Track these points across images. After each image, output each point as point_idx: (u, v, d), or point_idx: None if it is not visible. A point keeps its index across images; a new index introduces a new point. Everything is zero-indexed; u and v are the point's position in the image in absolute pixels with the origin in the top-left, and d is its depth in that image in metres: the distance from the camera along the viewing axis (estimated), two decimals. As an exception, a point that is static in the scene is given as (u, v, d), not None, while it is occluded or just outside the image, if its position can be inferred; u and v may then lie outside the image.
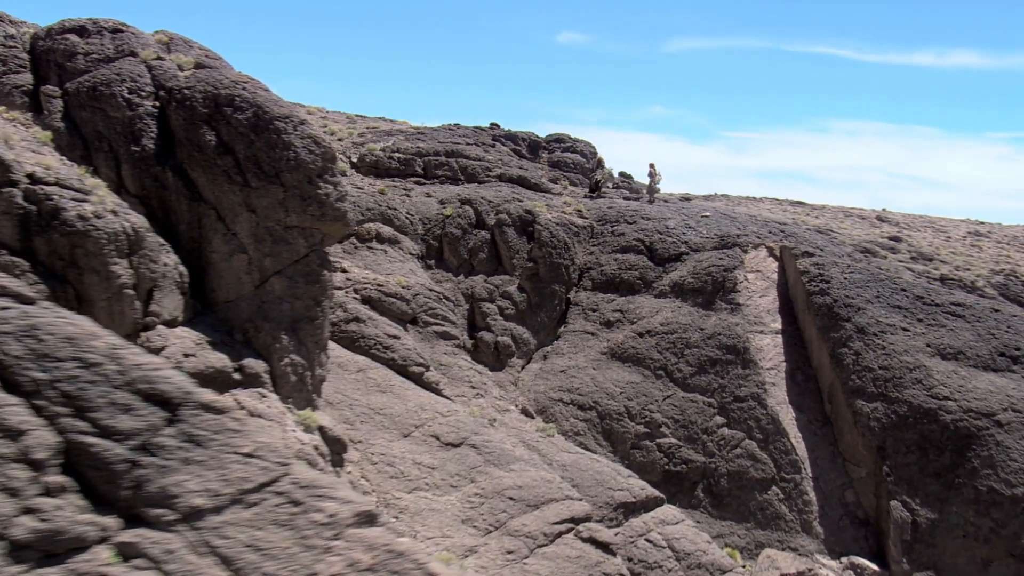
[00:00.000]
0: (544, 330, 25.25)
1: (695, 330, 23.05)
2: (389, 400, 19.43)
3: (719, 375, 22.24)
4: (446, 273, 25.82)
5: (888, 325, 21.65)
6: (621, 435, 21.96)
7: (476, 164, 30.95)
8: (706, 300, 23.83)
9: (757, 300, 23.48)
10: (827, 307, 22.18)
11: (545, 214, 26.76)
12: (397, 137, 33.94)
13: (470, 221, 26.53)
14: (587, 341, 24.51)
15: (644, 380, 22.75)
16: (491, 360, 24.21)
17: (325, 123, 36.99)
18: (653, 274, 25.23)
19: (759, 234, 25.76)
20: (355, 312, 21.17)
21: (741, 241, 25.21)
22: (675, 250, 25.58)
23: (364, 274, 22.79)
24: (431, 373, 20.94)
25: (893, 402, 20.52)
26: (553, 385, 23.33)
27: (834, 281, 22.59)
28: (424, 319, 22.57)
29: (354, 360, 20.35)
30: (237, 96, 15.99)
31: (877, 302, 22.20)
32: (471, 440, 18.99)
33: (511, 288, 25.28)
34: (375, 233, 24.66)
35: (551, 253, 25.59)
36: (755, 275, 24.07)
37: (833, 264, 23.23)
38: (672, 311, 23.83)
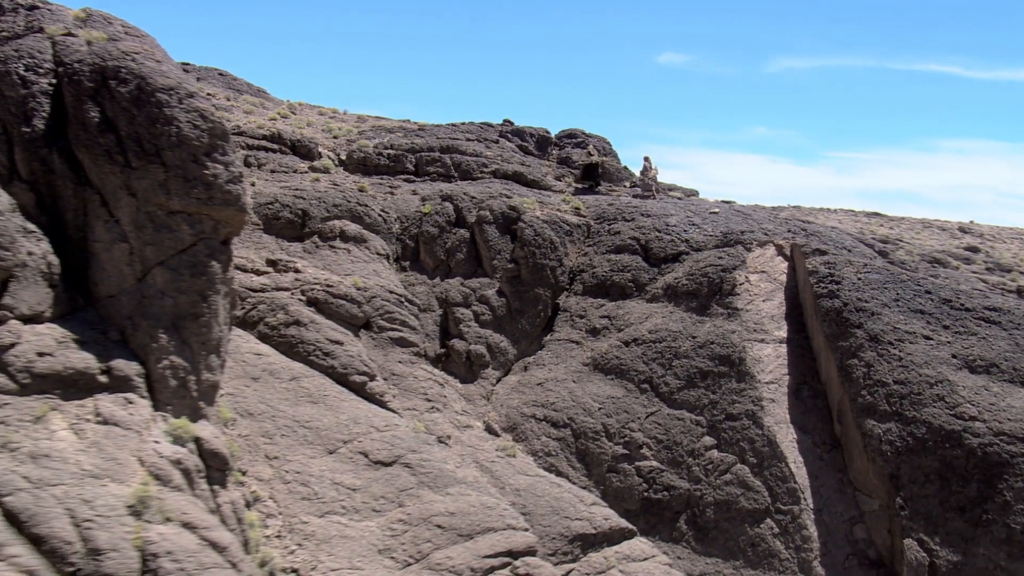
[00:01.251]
0: (526, 338, 23.36)
1: (686, 338, 20.82)
2: (319, 412, 17.86)
3: (710, 389, 19.95)
4: (420, 275, 24.22)
5: (907, 332, 19.03)
6: (597, 456, 19.86)
7: (472, 160, 29.36)
8: (700, 304, 21.57)
9: (759, 304, 21.10)
10: (835, 312, 19.69)
11: (533, 211, 24.91)
12: (396, 134, 32.63)
13: (449, 219, 24.89)
14: (571, 351, 22.52)
15: (627, 395, 20.62)
16: (462, 371, 22.45)
17: (330, 123, 36.02)
18: (647, 276, 23.09)
19: (769, 231, 23.35)
20: (296, 315, 19.71)
21: (745, 239, 22.86)
22: (673, 249, 23.38)
23: (318, 274, 21.35)
24: (376, 383, 19.30)
25: (910, 422, 17.93)
26: (527, 399, 21.40)
27: (845, 282, 20.07)
28: (379, 324, 20.97)
29: (289, 367, 18.87)
30: (123, 68, 14.74)
31: (895, 306, 19.59)
32: (406, 459, 17.24)
33: (489, 292, 23.49)
34: (338, 231, 23.23)
35: (534, 253, 23.71)
36: (759, 276, 21.69)
37: (846, 263, 20.70)
38: (663, 317, 21.65)
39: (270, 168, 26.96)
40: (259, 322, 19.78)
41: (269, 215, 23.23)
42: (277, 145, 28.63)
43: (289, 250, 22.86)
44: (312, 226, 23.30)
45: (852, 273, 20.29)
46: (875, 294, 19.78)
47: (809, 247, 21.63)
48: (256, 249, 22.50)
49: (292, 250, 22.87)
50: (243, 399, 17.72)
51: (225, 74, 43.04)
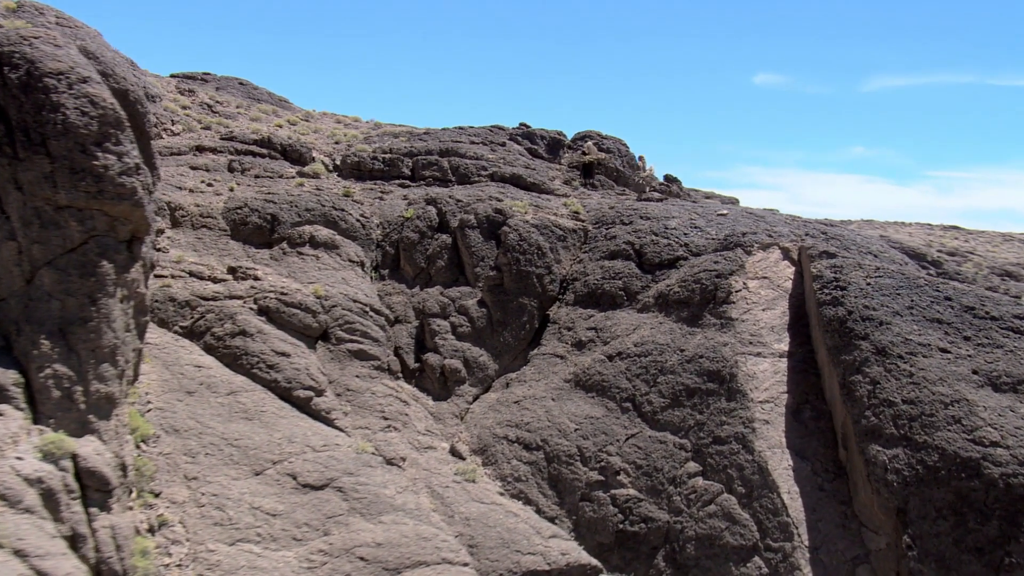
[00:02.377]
0: (509, 352, 21.94)
1: (673, 352, 19.12)
2: (252, 429, 16.78)
3: (697, 409, 18.20)
4: (399, 284, 23.09)
5: (920, 344, 16.98)
6: (570, 483, 18.29)
7: (471, 164, 28.18)
8: (692, 314, 19.84)
9: (757, 314, 19.25)
10: (838, 321, 17.74)
11: (522, 215, 23.54)
12: (400, 138, 31.74)
13: (431, 224, 23.72)
14: (554, 366, 21.02)
15: (606, 414, 19.00)
16: (436, 387, 21.18)
17: (340, 129, 35.41)
18: (639, 284, 21.46)
19: (775, 233, 21.47)
20: (243, 325, 18.75)
21: (746, 241, 21.03)
22: (669, 255, 21.69)
23: (276, 282, 20.38)
24: (324, 399, 18.16)
25: (920, 448, 15.88)
26: (502, 419, 19.97)
27: (852, 287, 18.11)
28: (338, 335, 19.86)
29: (230, 381, 17.87)
30: (17, 53, 14.04)
31: (908, 314, 17.54)
32: (339, 482, 16.01)
33: (469, 302, 22.19)
34: (308, 237, 22.28)
35: (518, 260, 22.32)
36: (759, 283, 19.85)
37: (855, 267, 18.72)
38: (651, 328, 19.99)
39: (254, 173, 26.27)
40: (206, 332, 18.89)
41: (237, 220, 22.44)
42: (266, 150, 27.99)
43: (256, 257, 22.00)
44: (281, 232, 22.41)
45: (860, 278, 18.31)
46: (885, 301, 17.77)
47: (816, 249, 19.70)
48: (220, 256, 21.69)
49: (258, 257, 22.01)
50: (172, 414, 16.77)
51: (245, 83, 43.01)
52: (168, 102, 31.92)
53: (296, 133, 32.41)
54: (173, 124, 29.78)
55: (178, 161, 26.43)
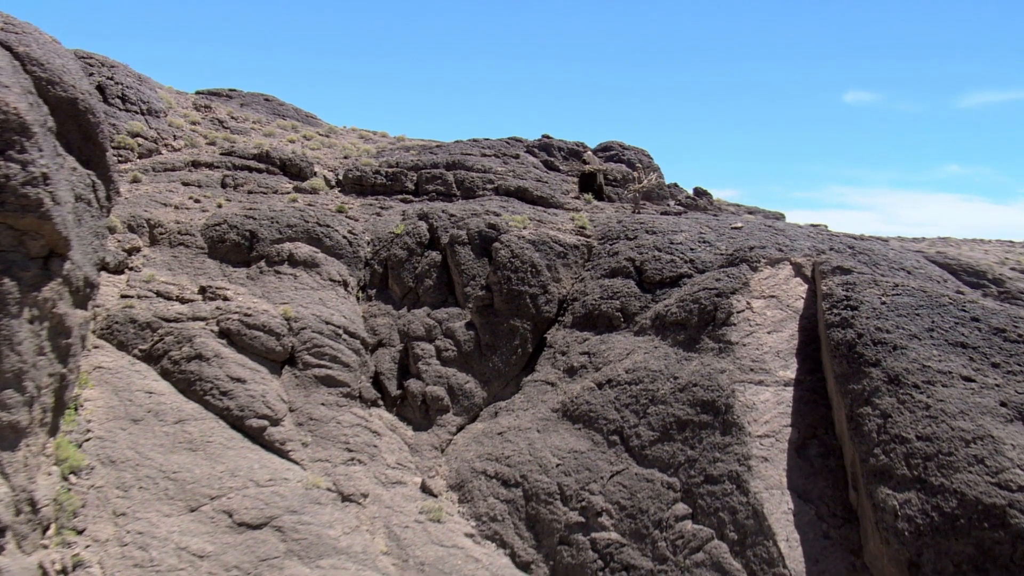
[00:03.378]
0: (499, 379, 20.75)
1: (666, 379, 17.67)
2: (194, 461, 15.92)
3: (688, 444, 16.70)
4: (385, 305, 22.13)
5: (940, 372, 15.21)
6: (548, 524, 16.95)
7: (478, 177, 27.18)
8: (689, 337, 18.36)
9: (761, 337, 17.67)
10: (847, 345, 16.07)
11: (519, 230, 22.38)
12: (411, 152, 30.99)
13: (420, 240, 22.75)
14: (544, 394, 19.76)
15: (592, 448, 17.63)
16: (417, 416, 20.10)
17: (351, 144, 34.90)
18: (637, 304, 20.06)
19: (788, 247, 19.85)
20: (200, 348, 17.97)
21: (752, 256, 19.45)
22: (672, 272, 20.25)
23: (246, 302, 19.61)
24: (280, 429, 17.23)
25: (936, 492, 14.13)
26: (483, 452, 18.78)
27: (864, 307, 16.42)
28: (305, 359, 18.95)
29: (180, 408, 17.09)
30: (-71, 59, 13.52)
31: (928, 337, 15.77)
32: (280, 521, 14.99)
33: (456, 324, 21.09)
34: (287, 255, 21.49)
35: (509, 279, 21.14)
36: (765, 302, 18.26)
37: (869, 284, 17.02)
38: (645, 353, 18.57)
39: (247, 189, 25.72)
40: (163, 356, 18.18)
41: (214, 238, 21.81)
42: (264, 165, 27.44)
43: (232, 276, 21.32)
44: (260, 249, 21.70)
45: (875, 296, 16.61)
46: (902, 322, 16.04)
47: (828, 265, 18.04)
48: (194, 275, 21.06)
49: (234, 276, 21.32)
50: (112, 444, 16.03)
51: (271, 99, 43.05)
52: (177, 118, 31.76)
53: (306, 148, 31.93)
54: (175, 139, 29.53)
55: (171, 177, 26.06)
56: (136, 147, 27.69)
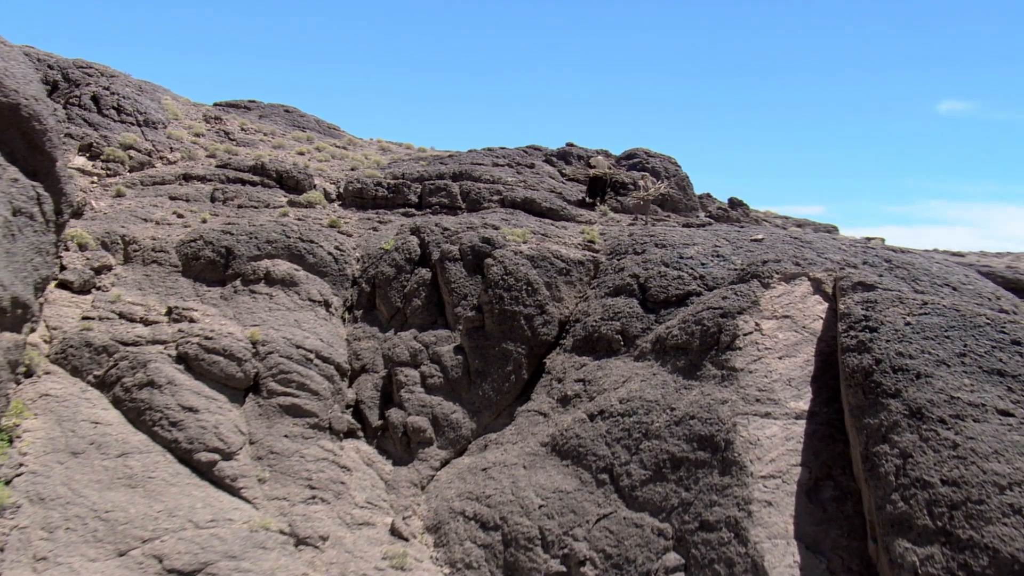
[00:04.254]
0: (490, 408, 19.54)
1: (662, 411, 16.24)
2: (131, 499, 15.03)
3: (683, 484, 15.24)
4: (371, 327, 21.11)
5: (971, 404, 13.52)
6: (527, 573, 15.62)
7: (484, 188, 26.11)
8: (690, 363, 16.91)
9: (771, 363, 16.12)
10: (863, 373, 14.47)
11: (516, 244, 21.19)
12: (420, 163, 30.10)
13: (410, 256, 21.71)
14: (536, 425, 18.49)
15: (579, 488, 16.29)
16: (398, 449, 19.01)
17: (364, 155, 34.21)
18: (639, 326, 18.67)
19: (804, 260, 18.26)
20: (154, 374, 17.15)
21: (765, 271, 17.91)
22: (678, 289, 18.81)
23: (211, 324, 18.78)
24: (233, 463, 16.27)
25: (964, 547, 12.46)
26: (465, 490, 17.57)
27: (884, 329, 14.80)
28: (270, 387, 18.00)
29: (125, 440, 16.27)
30: None
31: (959, 364, 14.08)
32: (215, 568, 13.98)
33: (444, 348, 19.96)
34: (264, 273, 20.64)
35: (502, 298, 19.95)
36: (777, 323, 16.71)
37: (894, 302, 15.39)
38: (641, 381, 17.18)
39: (238, 203, 25.04)
40: (117, 383, 17.41)
41: (189, 255, 21.07)
42: (259, 177, 26.75)
43: (205, 295, 20.54)
44: (236, 267, 20.90)
45: (899, 316, 14.97)
46: (928, 346, 14.37)
47: (849, 280, 16.44)
48: (165, 295, 20.33)
49: (208, 295, 20.53)
50: (45, 480, 15.24)
51: (291, 110, 42.81)
52: (179, 129, 31.40)
53: (313, 160, 31.27)
54: (172, 152, 29.09)
55: (158, 191, 25.52)
56: (127, 160, 27.28)
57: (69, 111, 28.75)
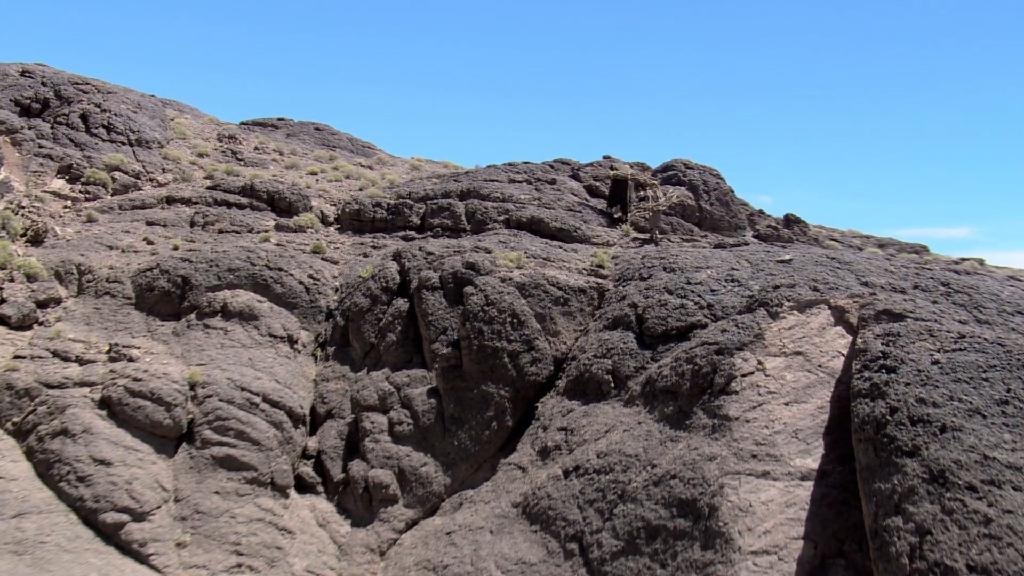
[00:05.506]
0: (468, 460, 17.91)
1: (642, 468, 14.32)
2: (14, 569, 13.87)
3: (658, 559, 13.26)
4: (343, 366, 19.76)
5: (1011, 467, 11.24)
6: (477, 664, 13.86)
7: (493, 207, 24.65)
8: (679, 410, 14.93)
9: (774, 410, 14.03)
10: (875, 424, 12.31)
11: (506, 270, 19.56)
12: (430, 180, 28.84)
13: (387, 284, 20.33)
14: (512, 482, 16.79)
15: (545, 559, 14.46)
16: (359, 507, 17.56)
17: (379, 174, 33.17)
18: (632, 364, 16.79)
19: (824, 284, 16.09)
20: (69, 422, 16.10)
21: (774, 298, 15.81)
22: (680, 321, 16.85)
23: (151, 365, 17.69)
24: (144, 525, 15.06)
25: (993, 654, 10.25)
26: (423, 558, 15.95)
27: (904, 369, 12.61)
28: (205, 435, 16.75)
29: (26, 498, 15.22)
30: None
31: (997, 413, 11.80)
32: (90, 653, 12.62)
33: (416, 391, 18.45)
34: (220, 305, 19.51)
35: (482, 332, 18.32)
36: (785, 361, 14.59)
37: (922, 335, 13.17)
38: (624, 431, 15.29)
39: (218, 228, 24.11)
40: (32, 431, 16.40)
41: (143, 285, 20.12)
42: (248, 199, 25.82)
43: (157, 331, 19.53)
44: (192, 298, 19.86)
45: (925, 352, 12.76)
46: (959, 390, 12.13)
47: (873, 308, 14.26)
48: (113, 330, 19.39)
49: (159, 331, 19.50)
50: (-72, 543, 14.21)
51: (322, 128, 42.32)
52: (180, 149, 30.82)
53: (322, 180, 30.30)
54: (164, 172, 28.45)
55: (136, 215, 24.81)
56: (111, 182, 26.72)
57: (55, 130, 28.45)
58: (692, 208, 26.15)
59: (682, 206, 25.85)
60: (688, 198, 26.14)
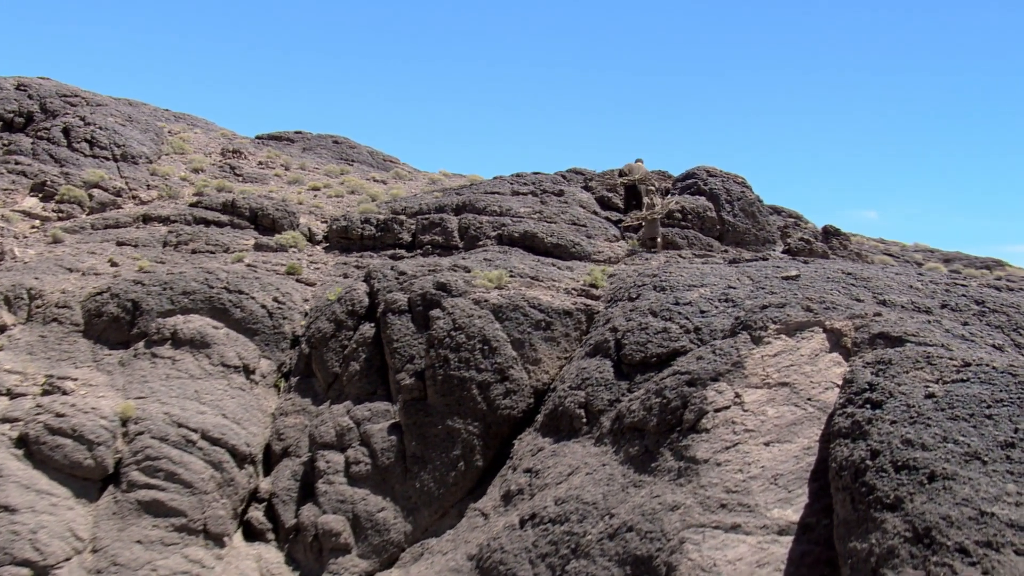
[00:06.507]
0: (431, 505, 16.82)
1: (599, 517, 13.05)
2: None
3: (609, 629, 11.97)
4: (304, 399, 18.87)
5: (1013, 526, 9.73)
6: None
7: (488, 222, 23.63)
8: (644, 450, 13.63)
9: (751, 451, 12.64)
10: (853, 470, 10.88)
11: (483, 291, 18.49)
12: (432, 195, 27.97)
13: (354, 308, 19.42)
14: (474, 530, 15.67)
15: (490, 624, 13.26)
16: (308, 557, 16.57)
17: (391, 186, 32.44)
18: (607, 397, 15.53)
19: (818, 304, 14.62)
20: (-19, 462, 15.40)
21: (758, 320, 14.39)
22: (661, 347, 15.53)
23: (82, 399, 17.00)
24: (47, 579, 14.16)
25: None
26: (367, 618, 14.85)
27: (892, 404, 11.15)
28: (132, 477, 15.94)
29: (-75, 547, 14.47)
30: None
31: (1002, 459, 10.27)
32: None
33: (376, 427, 17.45)
34: (170, 333, 18.77)
35: (447, 360, 17.24)
36: (766, 393, 13.19)
37: (919, 362, 11.70)
38: (586, 475, 14.04)
39: (192, 247, 23.48)
40: (-55, 472, 15.73)
41: (92, 311, 19.51)
42: (229, 217, 25.19)
43: (103, 361, 18.90)
44: (143, 325, 19.18)
45: (919, 383, 11.28)
46: (955, 430, 10.63)
47: (868, 331, 12.82)
48: (56, 360, 18.80)
49: (105, 361, 18.85)
50: None
51: (341, 141, 42.00)
52: (171, 165, 30.44)
53: (320, 196, 29.62)
54: (149, 189, 28.04)
55: (107, 235, 24.35)
56: (87, 200, 26.33)
57: (36, 145, 28.23)
58: (712, 220, 24.74)
59: (699, 217, 24.46)
60: (708, 209, 24.72)
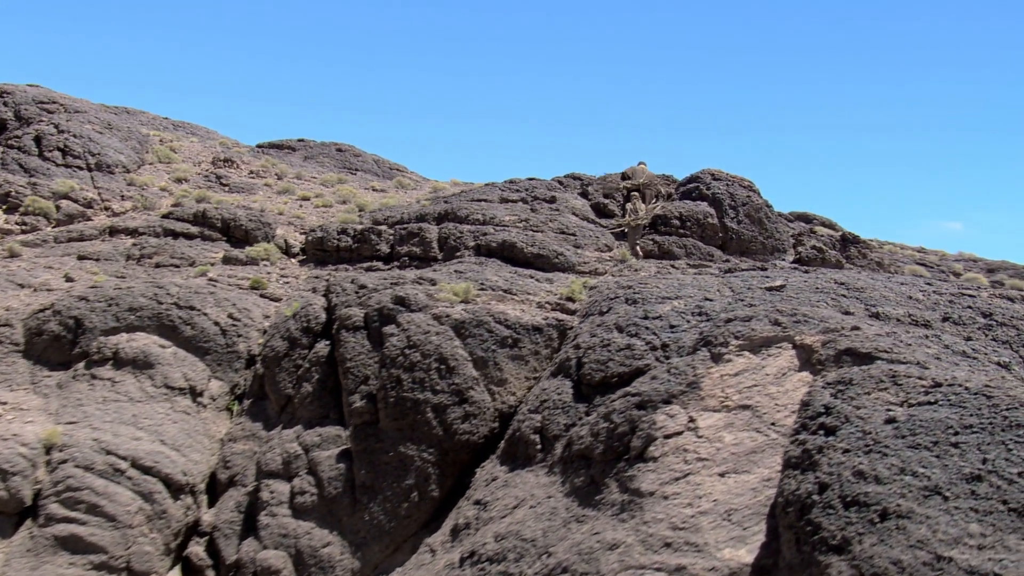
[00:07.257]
0: (383, 539, 16.12)
1: (535, 556, 12.21)
2: None
3: None
4: (254, 423, 18.27)
5: (972, 573, 8.77)
6: None
7: (469, 231, 22.98)
8: (591, 480, 12.77)
9: (704, 483, 11.73)
10: (800, 506, 9.95)
11: (445, 305, 17.76)
12: (419, 203, 27.39)
13: (310, 325, 18.81)
14: (420, 568, 14.88)
15: (419, 675, 12.46)
16: (246, 599, 15.84)
17: (391, 196, 31.96)
18: (563, 421, 14.71)
19: (797, 317, 13.67)
20: None
21: (719, 335, 13.46)
22: (623, 366, 14.66)
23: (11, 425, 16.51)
24: (-54, 622, 13.61)
25: None
26: (299, 665, 14.12)
27: (846, 430, 10.20)
28: (50, 510, 15.39)
29: None
30: None
31: (966, 495, 9.26)
32: None
33: (325, 453, 16.79)
34: (112, 353, 18.27)
35: (401, 381, 16.53)
36: (724, 417, 12.27)
37: (883, 382, 10.75)
38: (529, 508, 13.22)
39: (156, 261, 23.05)
40: None
41: (33, 329, 19.06)
42: (199, 228, 24.75)
43: (41, 383, 18.47)
44: (84, 344, 18.72)
45: (879, 407, 10.33)
46: (914, 459, 9.65)
47: (834, 347, 11.90)
48: (-7, 382, 18.31)
49: (43, 383, 18.41)
50: None
51: (345, 149, 41.74)
52: (151, 175, 30.13)
53: (306, 206, 29.16)
54: (123, 200, 27.71)
55: (68, 249, 24.02)
56: (54, 211, 26.04)
57: (5, 155, 28.06)
58: (713, 227, 23.81)
59: (699, 224, 23.55)
60: (708, 215, 23.79)
